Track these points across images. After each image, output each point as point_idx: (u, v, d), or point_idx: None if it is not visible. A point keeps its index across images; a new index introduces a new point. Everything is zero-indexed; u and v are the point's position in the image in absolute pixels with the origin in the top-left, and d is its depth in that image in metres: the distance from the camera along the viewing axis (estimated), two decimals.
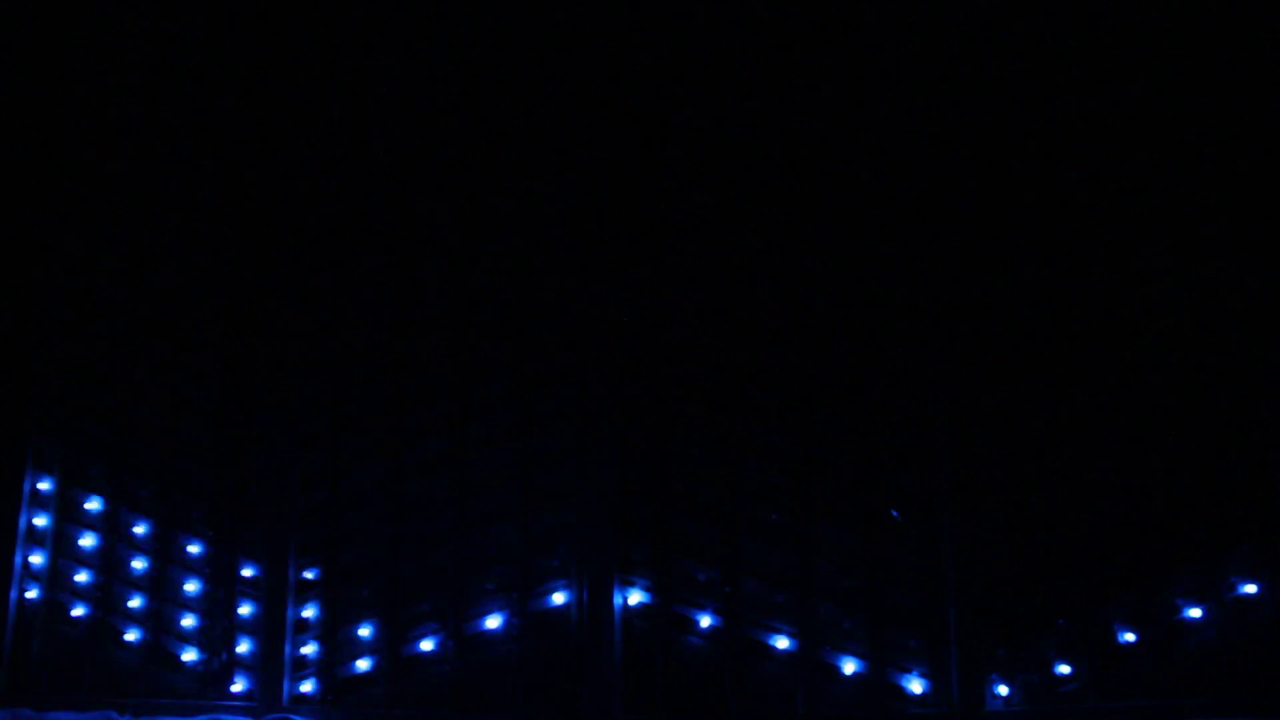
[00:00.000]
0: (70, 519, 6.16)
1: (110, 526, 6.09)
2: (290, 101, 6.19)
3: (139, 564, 6.02)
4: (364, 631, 5.67)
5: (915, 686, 5.17)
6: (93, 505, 6.14)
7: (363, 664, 5.65)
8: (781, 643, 5.27)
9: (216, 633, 5.79)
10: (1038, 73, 5.46)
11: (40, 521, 6.18)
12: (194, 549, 5.96)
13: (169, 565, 5.97)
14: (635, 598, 5.41)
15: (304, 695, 5.71)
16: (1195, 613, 5.01)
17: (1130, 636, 5.05)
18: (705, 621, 5.35)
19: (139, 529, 6.05)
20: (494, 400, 5.73)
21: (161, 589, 5.95)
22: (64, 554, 6.13)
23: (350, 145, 6.11)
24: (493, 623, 5.52)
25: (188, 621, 5.87)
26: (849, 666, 5.21)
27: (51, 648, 6.01)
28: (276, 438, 5.92)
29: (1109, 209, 5.34)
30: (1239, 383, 5.12)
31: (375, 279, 6.00)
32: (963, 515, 5.20)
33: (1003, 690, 5.11)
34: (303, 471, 5.87)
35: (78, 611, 6.03)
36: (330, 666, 5.69)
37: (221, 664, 5.77)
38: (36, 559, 6.14)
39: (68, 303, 6.34)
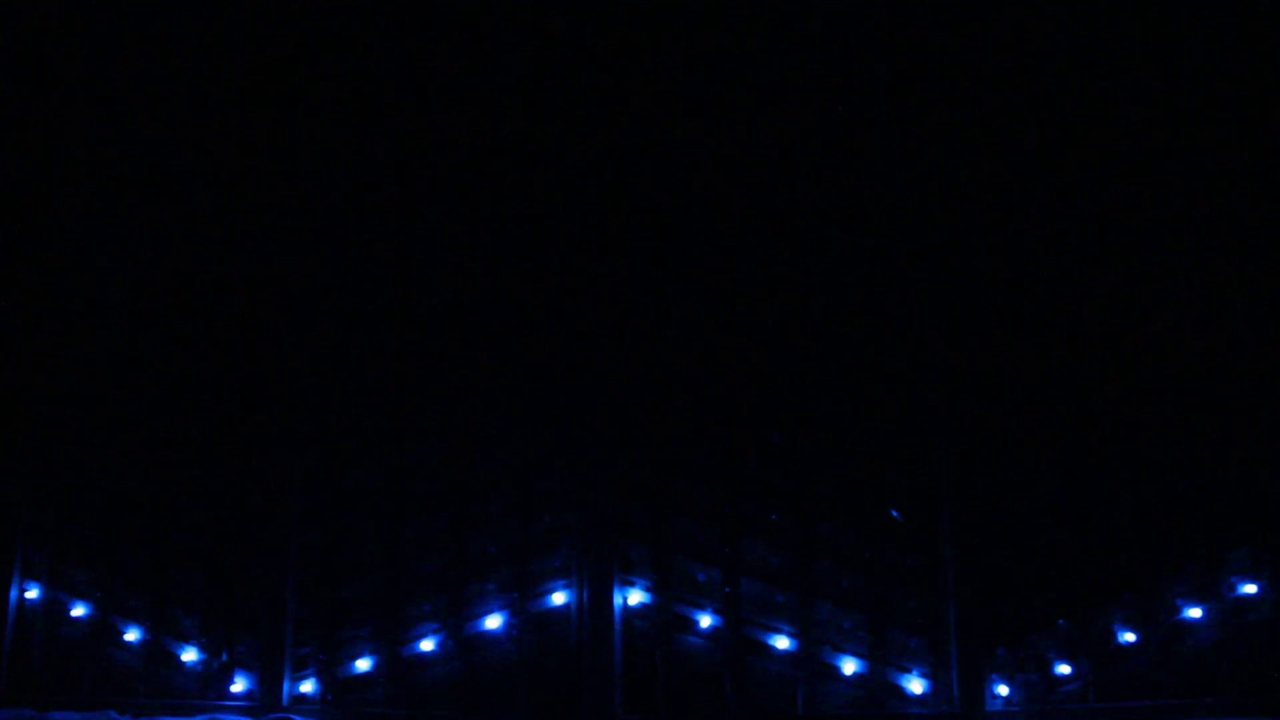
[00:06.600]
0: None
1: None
2: (287, 128, 6.08)
3: None
4: (363, 663, 5.68)
5: (915, 686, 5.17)
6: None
7: (363, 664, 5.65)
8: (781, 643, 5.27)
9: None
10: (1040, 77, 5.48)
11: None
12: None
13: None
14: (635, 598, 5.41)
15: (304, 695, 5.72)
16: (1195, 613, 5.02)
17: (1130, 636, 5.06)
18: (705, 621, 5.35)
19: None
20: (494, 401, 5.74)
21: None
22: None
23: (348, 150, 6.10)
24: (493, 623, 5.52)
25: None
26: (849, 666, 5.21)
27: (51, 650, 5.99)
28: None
29: (1108, 212, 5.34)
30: (1238, 384, 5.13)
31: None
32: (963, 515, 5.20)
33: (1003, 690, 5.11)
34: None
35: None
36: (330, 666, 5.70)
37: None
38: None
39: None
